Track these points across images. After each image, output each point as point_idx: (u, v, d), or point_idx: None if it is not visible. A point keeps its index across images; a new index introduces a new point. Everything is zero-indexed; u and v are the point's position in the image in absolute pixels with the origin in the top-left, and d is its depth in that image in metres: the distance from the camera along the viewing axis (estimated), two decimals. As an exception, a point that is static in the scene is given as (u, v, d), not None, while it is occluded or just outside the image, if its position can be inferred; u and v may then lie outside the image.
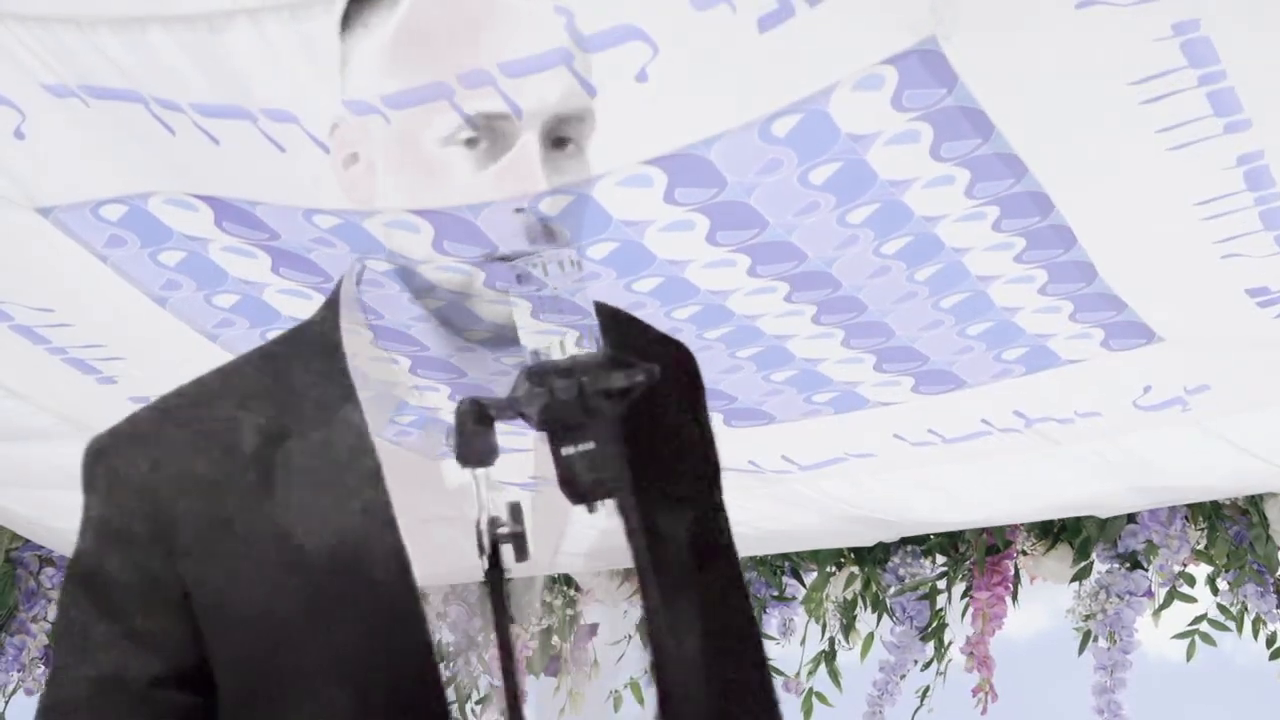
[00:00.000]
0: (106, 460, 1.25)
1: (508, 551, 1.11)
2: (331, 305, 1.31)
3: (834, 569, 3.61)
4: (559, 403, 1.08)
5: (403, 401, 2.45)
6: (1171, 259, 2.03)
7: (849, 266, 2.05)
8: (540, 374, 1.09)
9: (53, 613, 3.97)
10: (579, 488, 1.08)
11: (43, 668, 4.00)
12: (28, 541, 3.75)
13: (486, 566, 1.11)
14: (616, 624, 3.80)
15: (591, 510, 1.10)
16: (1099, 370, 2.38)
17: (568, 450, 1.07)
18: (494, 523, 1.11)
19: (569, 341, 1.12)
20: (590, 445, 1.07)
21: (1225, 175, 1.80)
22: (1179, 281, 2.11)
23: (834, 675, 3.66)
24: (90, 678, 1.14)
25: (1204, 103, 1.66)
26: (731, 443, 2.69)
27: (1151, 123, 1.69)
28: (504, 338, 1.24)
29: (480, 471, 1.11)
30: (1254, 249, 1.97)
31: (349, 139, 1.43)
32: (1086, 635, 3.33)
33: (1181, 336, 2.27)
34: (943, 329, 2.27)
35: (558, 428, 1.08)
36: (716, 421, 2.65)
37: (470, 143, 1.33)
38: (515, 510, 1.13)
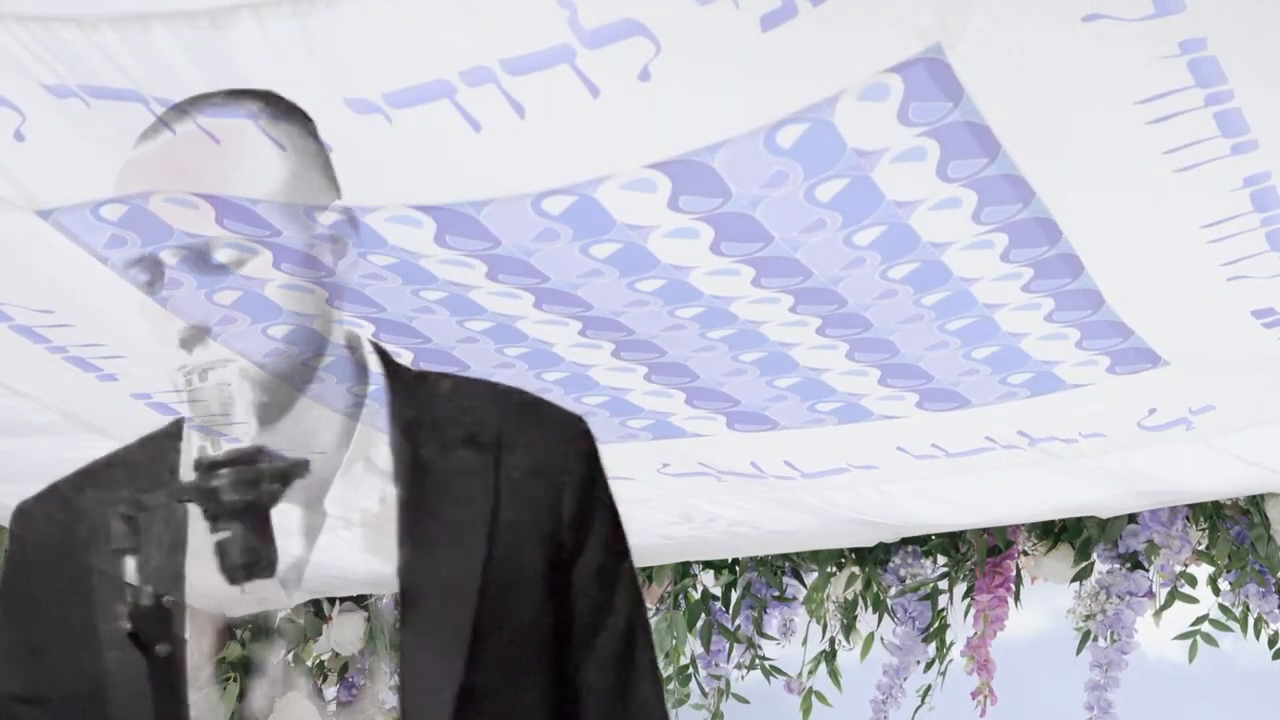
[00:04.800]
0: (15, 518, 1.46)
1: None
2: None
3: (835, 569, 3.61)
4: (206, 493, 1.18)
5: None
6: (1178, 282, 2.03)
7: (855, 287, 2.05)
8: (201, 467, 1.20)
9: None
10: (223, 569, 1.18)
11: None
12: (27, 540, 3.75)
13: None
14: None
15: (243, 591, 1.20)
16: (1104, 394, 2.38)
17: (216, 535, 1.18)
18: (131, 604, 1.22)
19: (223, 440, 1.22)
20: (228, 534, 1.18)
21: (1232, 196, 1.79)
22: (1185, 305, 2.10)
23: (834, 675, 3.66)
24: None
25: (1211, 123, 1.65)
26: (734, 446, 2.69)
27: (1158, 143, 1.68)
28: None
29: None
30: (1260, 270, 1.97)
31: None
32: (1086, 635, 3.32)
33: (1187, 359, 2.27)
34: (948, 350, 2.27)
35: (209, 516, 1.18)
36: (719, 424, 2.67)
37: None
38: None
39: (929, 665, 3.52)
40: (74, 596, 1.33)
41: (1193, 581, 3.37)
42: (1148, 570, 3.33)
